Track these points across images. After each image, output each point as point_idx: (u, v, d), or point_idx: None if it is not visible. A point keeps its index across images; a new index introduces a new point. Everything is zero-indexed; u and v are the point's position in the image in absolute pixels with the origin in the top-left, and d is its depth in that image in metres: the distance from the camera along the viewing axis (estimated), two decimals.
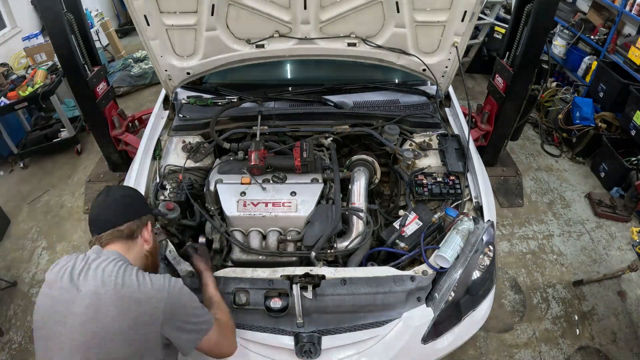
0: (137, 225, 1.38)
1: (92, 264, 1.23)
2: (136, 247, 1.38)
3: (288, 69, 2.93)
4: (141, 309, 1.18)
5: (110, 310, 1.16)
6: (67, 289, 1.20)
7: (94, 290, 1.17)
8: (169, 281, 1.26)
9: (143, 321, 1.18)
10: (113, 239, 1.33)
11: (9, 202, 3.84)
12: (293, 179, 2.08)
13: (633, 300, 2.93)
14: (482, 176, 2.12)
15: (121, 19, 7.88)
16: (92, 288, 1.18)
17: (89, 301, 1.16)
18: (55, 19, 2.85)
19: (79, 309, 1.16)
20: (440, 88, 2.64)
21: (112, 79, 5.56)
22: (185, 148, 2.31)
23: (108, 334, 1.15)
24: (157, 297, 1.21)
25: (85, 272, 1.22)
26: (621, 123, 4.01)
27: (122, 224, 1.34)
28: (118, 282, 1.19)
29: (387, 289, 1.67)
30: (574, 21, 4.89)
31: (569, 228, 3.51)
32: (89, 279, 1.20)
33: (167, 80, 2.51)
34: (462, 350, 2.59)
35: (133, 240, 1.37)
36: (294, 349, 1.59)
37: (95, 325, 1.15)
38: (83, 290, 1.18)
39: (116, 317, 1.16)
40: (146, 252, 1.41)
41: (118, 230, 1.32)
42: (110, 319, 1.15)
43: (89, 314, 1.15)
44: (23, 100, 4.02)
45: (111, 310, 1.16)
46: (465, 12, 2.19)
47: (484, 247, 1.80)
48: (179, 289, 1.27)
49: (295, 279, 1.64)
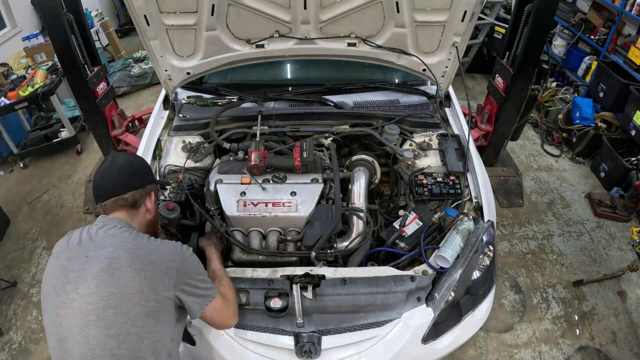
0: (140, 194, 1.39)
1: (100, 232, 1.26)
2: (139, 215, 1.39)
3: (288, 69, 2.92)
4: (156, 268, 1.22)
5: (125, 272, 1.18)
6: (78, 257, 1.22)
7: (107, 255, 1.20)
8: (181, 246, 1.32)
9: (158, 280, 1.22)
10: (117, 207, 1.34)
11: (9, 202, 3.84)
12: (293, 179, 2.07)
13: (633, 300, 2.93)
14: (482, 176, 2.12)
15: (121, 19, 7.88)
16: (106, 254, 1.20)
17: (102, 265, 1.18)
18: (55, 19, 2.84)
19: (91, 273, 1.18)
20: (440, 88, 2.64)
21: (112, 79, 5.56)
22: (185, 148, 2.31)
23: (124, 294, 1.17)
24: (170, 258, 1.26)
25: (94, 239, 1.24)
26: (621, 123, 4.01)
27: (127, 193, 1.35)
28: (131, 245, 1.23)
29: (387, 289, 1.67)
30: (574, 21, 4.89)
31: (569, 228, 3.51)
32: (100, 246, 1.22)
33: (167, 80, 2.51)
34: (462, 350, 2.59)
35: (136, 210, 1.39)
36: (294, 349, 1.59)
37: (111, 286, 1.17)
38: (95, 256, 1.20)
39: (133, 277, 1.18)
40: (148, 222, 1.44)
41: (122, 199, 1.34)
42: (126, 280, 1.18)
43: (104, 277, 1.17)
44: (23, 100, 4.03)
45: (126, 271, 1.18)
46: (465, 12, 2.19)
47: (484, 247, 1.80)
48: (189, 254, 1.33)
49: (295, 279, 1.64)
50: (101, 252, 1.21)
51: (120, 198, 1.34)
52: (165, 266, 1.24)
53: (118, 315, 1.16)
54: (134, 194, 1.36)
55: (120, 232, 1.27)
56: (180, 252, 1.30)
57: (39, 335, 2.77)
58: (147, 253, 1.23)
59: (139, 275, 1.19)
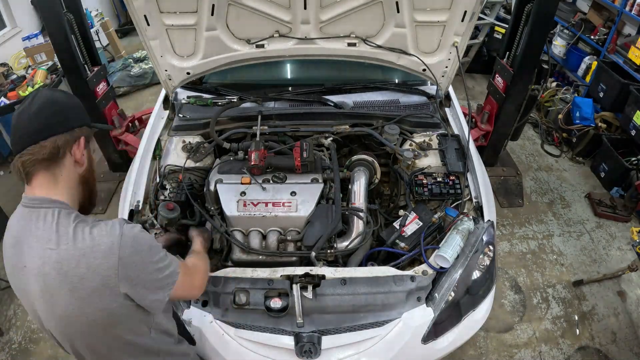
0: (64, 140, 1.10)
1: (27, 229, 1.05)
2: (64, 172, 1.12)
3: (288, 69, 2.93)
4: (89, 284, 1.00)
5: (61, 294, 1.01)
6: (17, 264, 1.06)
7: (38, 271, 1.02)
8: (119, 237, 1.02)
9: (97, 296, 1.01)
10: (35, 164, 1.07)
11: (9, 202, 3.84)
12: (293, 179, 2.07)
13: (633, 300, 2.93)
14: (482, 176, 2.12)
15: (121, 19, 7.88)
16: (36, 268, 1.02)
17: (39, 285, 1.02)
18: (55, 19, 2.85)
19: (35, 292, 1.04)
20: (440, 88, 2.64)
21: (112, 79, 5.56)
22: (185, 148, 2.31)
23: (72, 316, 1.04)
24: (104, 265, 1.00)
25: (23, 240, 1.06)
26: (621, 123, 4.01)
27: (46, 138, 1.06)
28: (56, 257, 1.00)
29: (387, 289, 1.67)
30: (574, 21, 4.89)
31: (569, 228, 3.51)
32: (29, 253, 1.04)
33: (167, 80, 2.51)
34: (462, 350, 2.59)
35: (58, 164, 1.10)
36: (294, 349, 1.58)
37: (56, 309, 1.04)
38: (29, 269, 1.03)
39: (69, 300, 1.01)
40: (79, 177, 1.17)
41: (40, 147, 1.05)
42: (65, 303, 1.02)
43: (46, 298, 1.03)
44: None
45: (61, 294, 1.01)
46: (465, 12, 2.19)
47: (484, 247, 1.80)
48: (131, 240, 1.04)
49: (295, 279, 1.64)
50: (33, 264, 1.02)
51: (38, 146, 1.05)
52: (100, 277, 1.00)
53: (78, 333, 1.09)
54: (55, 140, 1.07)
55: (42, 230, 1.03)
56: (118, 249, 1.01)
57: (39, 335, 2.77)
58: (74, 267, 0.99)
59: (74, 297, 1.01)
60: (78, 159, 1.14)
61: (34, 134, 1.06)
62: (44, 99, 1.09)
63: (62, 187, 1.11)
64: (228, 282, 1.68)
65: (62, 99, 1.15)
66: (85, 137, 1.17)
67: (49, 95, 1.12)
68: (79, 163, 1.15)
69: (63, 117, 1.11)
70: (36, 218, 1.05)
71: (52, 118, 1.09)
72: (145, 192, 2.04)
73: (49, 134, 1.07)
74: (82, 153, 1.15)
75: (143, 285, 1.07)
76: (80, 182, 1.17)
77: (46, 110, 1.08)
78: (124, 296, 1.04)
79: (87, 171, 1.19)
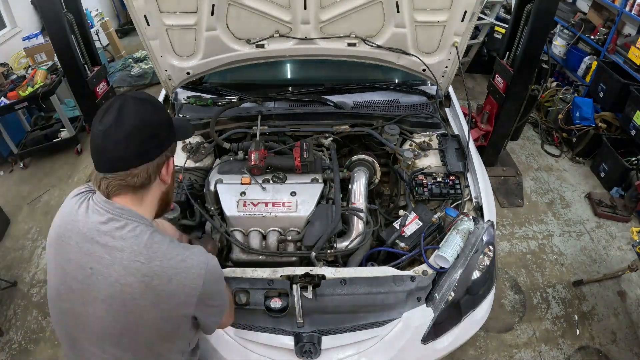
0: (156, 165, 1.04)
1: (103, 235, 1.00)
2: (150, 193, 1.08)
3: (288, 69, 2.92)
4: (175, 300, 1.04)
5: (140, 304, 1.01)
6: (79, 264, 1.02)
7: (116, 279, 0.99)
8: (205, 264, 1.07)
9: (177, 311, 1.06)
10: (122, 189, 1.02)
11: (9, 202, 3.84)
12: (293, 179, 2.07)
13: (633, 300, 2.93)
14: (482, 176, 2.12)
15: (121, 19, 7.88)
16: (115, 275, 0.99)
17: (112, 291, 1.00)
18: (55, 19, 2.85)
19: (100, 295, 1.01)
20: (440, 88, 2.64)
21: (112, 79, 5.57)
22: (185, 148, 2.31)
23: (140, 326, 1.04)
24: (192, 285, 1.04)
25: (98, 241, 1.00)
26: (621, 123, 4.01)
27: (138, 166, 1.00)
28: (146, 270, 0.99)
29: (387, 289, 1.67)
30: (574, 21, 4.89)
31: (569, 228, 3.51)
32: (105, 259, 1.00)
33: (167, 80, 2.51)
34: (462, 350, 2.59)
35: (147, 188, 1.06)
36: (294, 349, 1.59)
37: (125, 317, 1.03)
38: (101, 273, 1.00)
39: (149, 310, 1.02)
40: (161, 195, 1.13)
41: (131, 175, 1.00)
42: (141, 312, 1.02)
43: (115, 305, 1.01)
44: (23, 100, 4.03)
45: (141, 304, 1.01)
46: (465, 12, 2.19)
47: (484, 247, 1.80)
48: (213, 270, 1.10)
49: (295, 279, 1.64)
50: (109, 270, 1.00)
51: (129, 174, 1.00)
52: (185, 296, 1.04)
53: (134, 342, 1.08)
54: (147, 167, 1.02)
55: (129, 241, 1.00)
56: (204, 276, 1.06)
57: (39, 335, 2.77)
58: (165, 283, 1.01)
59: (156, 308, 1.02)
60: (165, 179, 1.10)
61: (125, 161, 0.99)
62: (135, 121, 0.99)
63: (148, 205, 1.09)
64: (228, 282, 1.67)
65: (153, 117, 1.04)
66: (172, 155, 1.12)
67: (139, 113, 1.01)
68: (165, 182, 1.11)
69: (157, 142, 1.04)
70: (121, 227, 1.01)
71: (146, 145, 1.01)
72: None
73: (140, 163, 1.01)
74: (169, 171, 1.11)
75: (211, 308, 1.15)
76: (162, 198, 1.14)
77: (139, 136, 0.99)
78: (193, 316, 1.11)
79: (170, 186, 1.17)
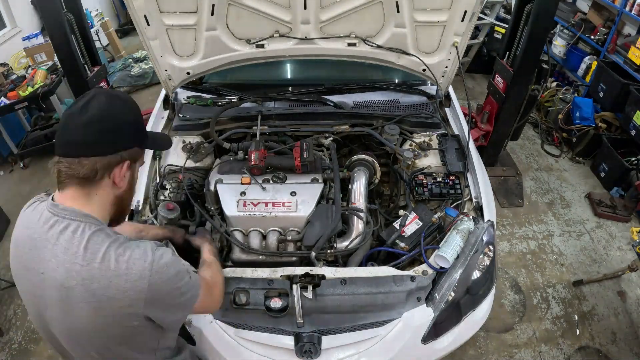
0: (106, 162, 1.02)
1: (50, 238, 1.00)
2: (99, 191, 1.05)
3: (288, 69, 2.92)
4: (117, 304, 0.99)
5: (83, 309, 0.99)
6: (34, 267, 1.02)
7: (61, 283, 0.98)
8: (150, 265, 1.00)
9: (121, 315, 1.02)
10: (70, 179, 1.01)
11: (9, 202, 3.84)
12: (293, 179, 2.07)
13: (633, 300, 2.93)
14: (482, 176, 2.12)
15: (121, 19, 7.88)
16: (59, 279, 0.98)
17: (60, 295, 1.00)
18: (55, 19, 2.85)
19: (53, 299, 1.01)
20: (440, 88, 2.64)
21: (112, 79, 5.57)
22: (185, 148, 2.31)
23: (89, 331, 1.04)
24: (135, 289, 0.99)
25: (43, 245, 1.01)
26: (621, 123, 4.01)
27: (89, 156, 0.99)
28: (85, 274, 0.97)
29: (387, 289, 1.67)
30: (574, 21, 4.89)
31: (569, 228, 3.51)
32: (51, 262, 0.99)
33: (167, 80, 2.51)
34: (462, 350, 2.59)
35: (94, 184, 1.03)
36: (294, 349, 1.58)
37: (73, 322, 1.03)
38: (49, 277, 1.00)
39: (92, 317, 1.00)
40: (114, 199, 1.10)
41: (79, 163, 0.99)
42: (87, 318, 1.01)
43: (65, 309, 1.01)
44: (23, 100, 4.03)
45: (84, 308, 0.99)
46: (465, 12, 2.19)
47: (484, 247, 1.80)
48: (161, 270, 1.02)
49: (295, 279, 1.64)
50: (54, 274, 0.99)
51: (77, 162, 0.99)
52: (128, 300, 0.99)
53: (91, 345, 1.09)
54: (95, 161, 1.00)
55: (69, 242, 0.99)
56: (149, 278, 1.00)
57: (39, 335, 2.76)
58: (104, 287, 0.97)
59: (98, 314, 1.00)
60: (117, 182, 1.07)
61: (76, 148, 0.99)
62: (97, 109, 0.99)
63: (95, 203, 1.06)
64: (228, 282, 1.67)
65: (119, 113, 1.04)
66: (131, 160, 1.08)
67: (105, 104, 1.01)
68: (117, 185, 1.08)
69: (112, 138, 1.02)
70: (64, 228, 1.00)
71: (99, 136, 1.00)
72: (145, 192, 2.04)
73: (91, 154, 0.99)
74: (123, 176, 1.07)
75: (166, 308, 1.08)
76: (114, 202, 1.11)
77: (96, 125, 0.99)
78: (145, 317, 1.05)
79: (125, 192, 1.13)
